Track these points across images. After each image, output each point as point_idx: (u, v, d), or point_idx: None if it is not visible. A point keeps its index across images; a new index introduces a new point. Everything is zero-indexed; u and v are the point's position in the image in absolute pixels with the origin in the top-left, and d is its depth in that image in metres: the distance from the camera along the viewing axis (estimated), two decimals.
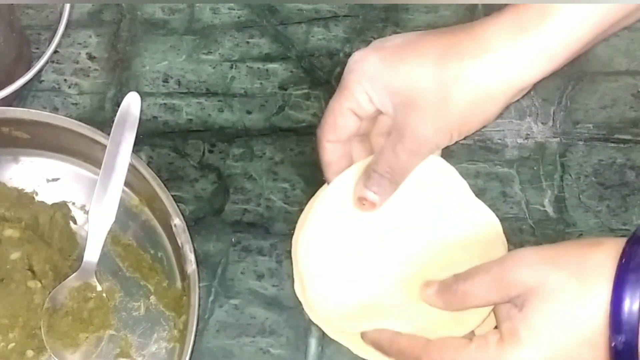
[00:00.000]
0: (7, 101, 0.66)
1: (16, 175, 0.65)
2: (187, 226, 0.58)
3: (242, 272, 0.62)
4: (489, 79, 0.54)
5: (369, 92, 0.57)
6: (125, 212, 0.62)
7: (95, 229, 0.59)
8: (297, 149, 0.66)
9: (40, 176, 0.65)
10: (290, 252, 0.62)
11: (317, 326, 0.60)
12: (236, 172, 0.66)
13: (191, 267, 0.57)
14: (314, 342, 0.60)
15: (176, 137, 0.67)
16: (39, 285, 0.58)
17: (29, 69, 0.67)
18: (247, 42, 0.71)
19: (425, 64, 0.55)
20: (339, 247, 0.61)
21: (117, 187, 0.59)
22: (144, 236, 0.63)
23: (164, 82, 0.69)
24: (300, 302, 0.60)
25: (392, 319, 0.59)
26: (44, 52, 0.69)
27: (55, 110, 0.68)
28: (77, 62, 0.70)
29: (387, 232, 0.61)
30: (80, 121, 0.62)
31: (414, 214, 0.61)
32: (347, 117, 0.58)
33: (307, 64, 0.70)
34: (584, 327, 0.49)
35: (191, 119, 0.68)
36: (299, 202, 0.64)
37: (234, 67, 0.70)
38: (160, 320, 0.60)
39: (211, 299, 0.61)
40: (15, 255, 0.59)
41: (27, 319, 0.57)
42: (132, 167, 0.59)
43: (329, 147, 0.59)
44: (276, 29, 0.72)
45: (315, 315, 0.60)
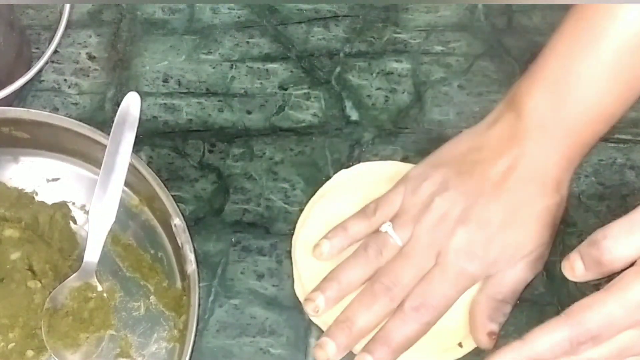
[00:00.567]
0: (7, 101, 0.66)
1: (16, 175, 0.64)
2: (187, 226, 0.58)
3: (242, 272, 0.62)
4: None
5: None
6: (125, 212, 0.62)
7: (95, 229, 0.59)
8: (297, 149, 0.66)
9: (40, 176, 0.65)
10: (290, 252, 0.62)
11: (317, 326, 0.60)
12: (236, 172, 0.66)
13: (191, 267, 0.57)
14: (314, 342, 0.60)
15: (176, 137, 0.67)
16: (39, 285, 0.58)
17: (29, 69, 0.67)
18: (247, 42, 0.71)
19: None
20: None
21: (117, 187, 0.59)
22: (144, 236, 0.63)
23: (164, 82, 0.69)
24: (300, 302, 0.60)
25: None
26: (44, 52, 0.69)
27: (55, 110, 0.68)
28: (77, 62, 0.70)
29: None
30: (80, 121, 0.62)
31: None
32: None
33: (307, 64, 0.70)
34: None
35: (191, 119, 0.68)
36: (299, 202, 0.64)
37: (234, 67, 0.70)
38: (160, 320, 0.60)
39: (211, 299, 0.61)
40: (15, 255, 0.59)
41: (27, 319, 0.57)
42: (132, 167, 0.59)
43: None
44: (276, 29, 0.72)
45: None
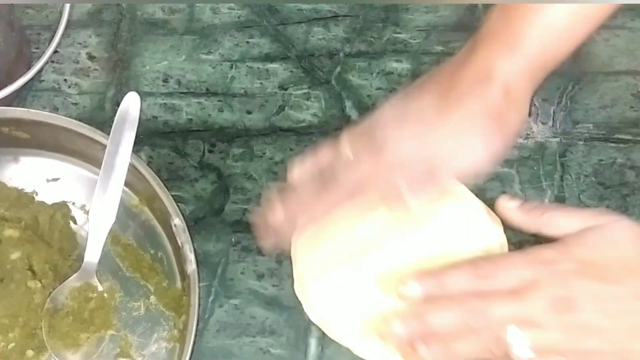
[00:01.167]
0: (7, 101, 0.66)
1: (16, 175, 0.65)
2: (187, 226, 0.58)
3: (242, 272, 0.62)
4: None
5: None
6: (125, 212, 0.62)
7: (95, 229, 0.59)
8: (297, 149, 0.66)
9: (40, 176, 0.65)
10: (290, 252, 0.62)
11: (317, 326, 0.60)
12: (236, 172, 0.66)
13: (191, 267, 0.57)
14: (314, 342, 0.60)
15: (176, 137, 0.67)
16: (39, 285, 0.58)
17: (29, 69, 0.67)
18: (247, 42, 0.71)
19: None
20: (338, 247, 0.61)
21: (117, 187, 0.59)
22: (144, 236, 0.63)
23: (164, 82, 0.69)
24: (300, 302, 0.60)
25: (392, 318, 0.59)
26: (44, 52, 0.69)
27: (55, 110, 0.68)
28: (77, 62, 0.70)
29: (386, 232, 0.61)
30: (80, 121, 0.62)
31: (412, 214, 0.61)
32: None
33: (307, 64, 0.70)
34: None
35: (191, 119, 0.68)
36: None
37: (234, 67, 0.70)
38: (160, 320, 0.60)
39: (211, 299, 0.61)
40: (15, 255, 0.59)
41: (27, 319, 0.57)
42: (132, 167, 0.59)
43: None
44: (276, 29, 0.72)
45: (315, 315, 0.60)
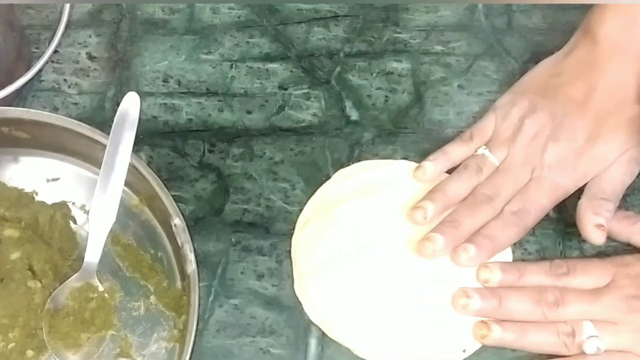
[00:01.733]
0: (7, 101, 0.66)
1: (16, 175, 0.64)
2: (187, 226, 0.58)
3: (242, 272, 0.62)
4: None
5: None
6: (125, 212, 0.62)
7: (95, 229, 0.59)
8: (297, 148, 0.66)
9: (40, 176, 0.64)
10: (290, 252, 0.62)
11: (317, 326, 0.60)
12: (236, 172, 0.66)
13: (191, 267, 0.57)
14: (314, 342, 0.60)
15: (176, 137, 0.67)
16: (39, 285, 0.58)
17: (29, 68, 0.67)
18: (247, 42, 0.71)
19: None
20: (338, 247, 0.61)
21: (117, 187, 0.59)
22: (144, 236, 0.63)
23: (164, 82, 0.69)
24: (300, 302, 0.60)
25: (392, 318, 0.59)
26: (44, 52, 0.69)
27: (55, 110, 0.68)
28: (77, 62, 0.70)
29: (386, 231, 0.61)
30: (80, 121, 0.62)
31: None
32: None
33: (307, 64, 0.70)
34: None
35: (191, 119, 0.68)
36: (299, 202, 0.64)
37: (234, 67, 0.70)
38: (160, 320, 0.60)
39: (211, 298, 0.61)
40: (15, 255, 0.59)
41: (27, 319, 0.57)
42: (132, 167, 0.59)
43: None
44: (276, 29, 0.72)
45: (314, 315, 0.60)
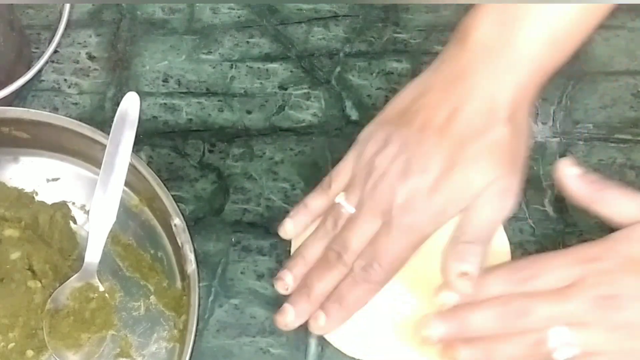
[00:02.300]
0: (7, 101, 0.66)
1: (16, 175, 0.64)
2: (187, 226, 0.58)
3: (242, 272, 0.62)
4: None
5: None
6: (125, 212, 0.62)
7: (96, 229, 0.59)
8: (297, 148, 0.66)
9: (40, 176, 0.65)
10: (290, 252, 0.62)
11: None
12: (236, 172, 0.66)
13: (191, 267, 0.57)
14: (314, 342, 0.60)
15: (176, 137, 0.67)
16: (39, 285, 0.58)
17: (29, 68, 0.67)
18: (247, 42, 0.71)
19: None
20: None
21: (117, 187, 0.59)
22: (144, 236, 0.63)
23: (163, 82, 0.69)
24: None
25: (391, 318, 0.59)
26: (44, 52, 0.69)
27: (55, 110, 0.68)
28: (77, 62, 0.70)
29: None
30: (80, 121, 0.62)
31: None
32: None
33: (307, 64, 0.70)
34: None
35: (191, 119, 0.68)
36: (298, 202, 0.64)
37: (234, 67, 0.70)
38: (160, 320, 0.60)
39: (211, 298, 0.61)
40: (15, 255, 0.59)
41: (27, 319, 0.57)
42: (132, 167, 0.59)
43: None
44: (276, 28, 0.72)
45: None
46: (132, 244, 0.62)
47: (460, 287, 0.54)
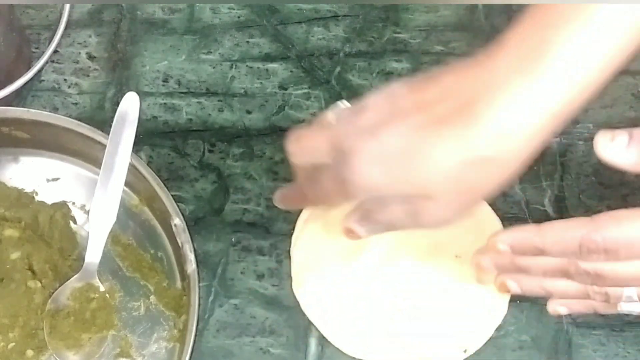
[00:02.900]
0: (7, 101, 0.66)
1: (16, 175, 0.65)
2: (187, 226, 0.58)
3: (242, 272, 0.62)
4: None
5: None
6: (125, 212, 0.62)
7: (96, 229, 0.59)
8: None
9: (40, 176, 0.65)
10: (290, 252, 0.62)
11: (316, 326, 0.60)
12: (236, 172, 0.66)
13: (191, 267, 0.57)
14: (314, 342, 0.60)
15: (176, 137, 0.67)
16: (39, 285, 0.58)
17: (29, 68, 0.67)
18: (247, 42, 0.71)
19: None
20: (337, 246, 0.61)
21: (117, 187, 0.59)
22: (144, 236, 0.63)
23: (163, 81, 0.69)
24: (300, 302, 0.60)
25: (392, 318, 0.59)
26: (44, 52, 0.69)
27: (55, 110, 0.68)
28: (77, 62, 0.70)
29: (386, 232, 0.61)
30: (80, 121, 0.62)
31: None
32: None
33: (307, 64, 0.70)
34: None
35: (191, 119, 0.68)
36: None
37: (234, 67, 0.70)
38: (160, 320, 0.60)
39: (211, 298, 0.61)
40: (15, 255, 0.59)
41: (27, 318, 0.57)
42: (132, 167, 0.59)
43: None
44: (276, 28, 0.72)
45: (313, 315, 0.60)
46: (132, 244, 0.62)
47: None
